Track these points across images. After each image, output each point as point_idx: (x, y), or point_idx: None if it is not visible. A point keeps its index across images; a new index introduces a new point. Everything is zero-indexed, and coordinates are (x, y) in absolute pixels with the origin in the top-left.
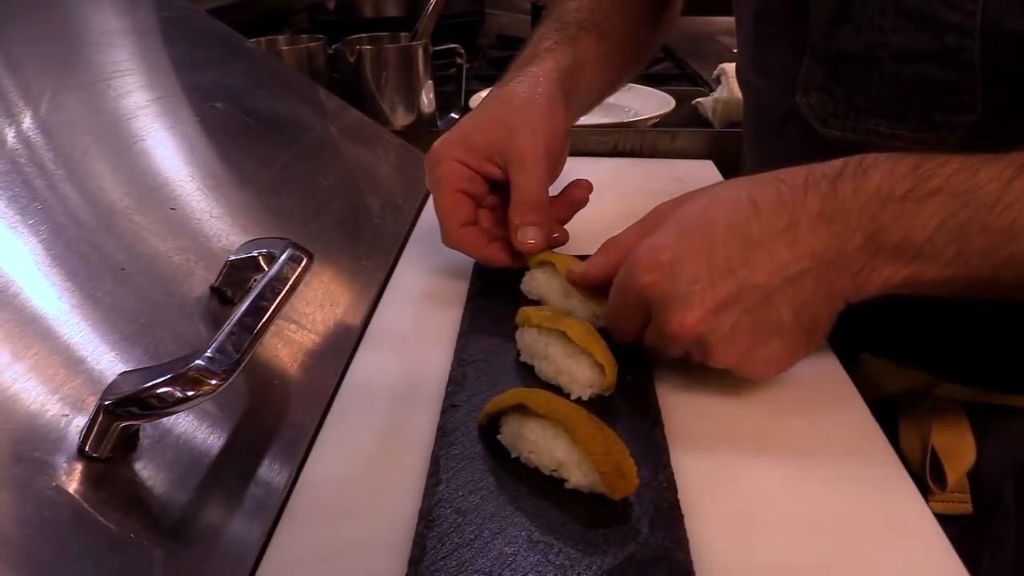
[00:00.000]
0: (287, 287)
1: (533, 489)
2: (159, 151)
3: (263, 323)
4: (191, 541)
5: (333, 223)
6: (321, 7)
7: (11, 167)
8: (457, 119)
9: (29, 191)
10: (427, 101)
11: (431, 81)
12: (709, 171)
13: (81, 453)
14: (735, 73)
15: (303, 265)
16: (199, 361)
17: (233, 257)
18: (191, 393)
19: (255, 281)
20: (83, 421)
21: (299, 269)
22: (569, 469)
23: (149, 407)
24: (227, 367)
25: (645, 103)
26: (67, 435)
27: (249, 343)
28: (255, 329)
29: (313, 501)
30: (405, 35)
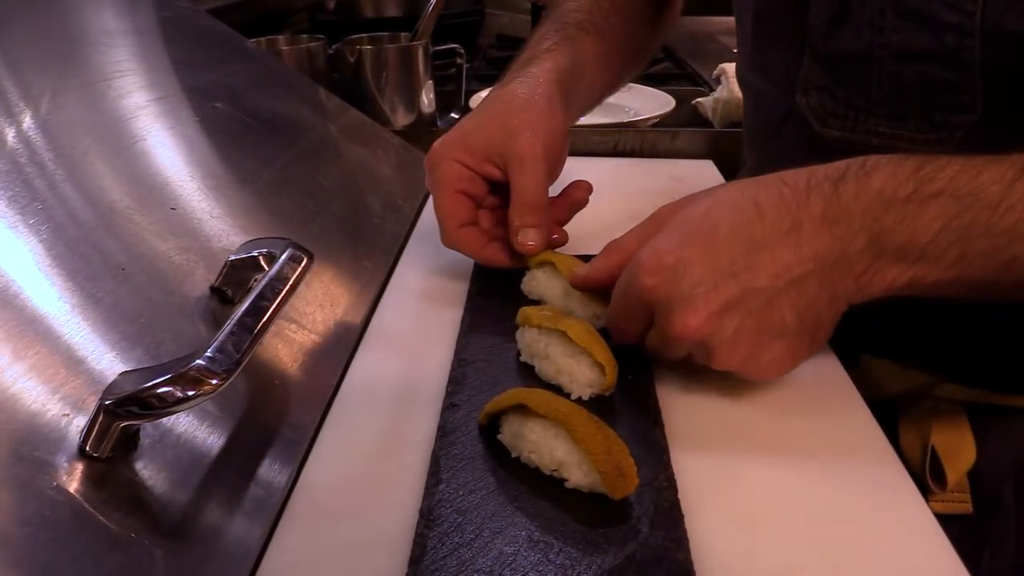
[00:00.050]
0: (287, 287)
1: (533, 489)
2: (159, 151)
3: (263, 323)
4: (191, 541)
5: (333, 223)
6: (321, 7)
7: (11, 167)
8: (457, 119)
9: (29, 191)
10: (427, 101)
11: (431, 81)
12: (709, 171)
13: (82, 453)
14: (735, 73)
15: (303, 265)
16: (199, 361)
17: (233, 257)
18: (191, 393)
19: (255, 281)
20: (83, 421)
21: (299, 269)
22: (569, 469)
23: (149, 407)
24: (227, 367)
25: (645, 103)
26: (67, 435)
27: (249, 343)
28: (255, 329)
29: (313, 501)
30: (405, 35)
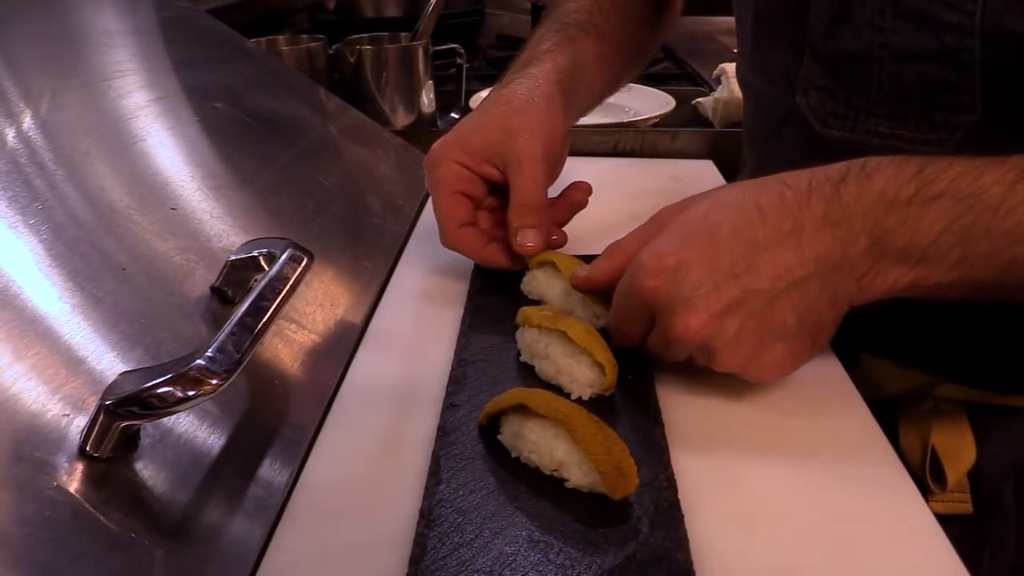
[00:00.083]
0: (287, 287)
1: (533, 489)
2: (159, 151)
3: (264, 323)
4: (192, 541)
5: (333, 223)
6: (321, 7)
7: (12, 167)
8: (457, 119)
9: (30, 191)
10: (427, 101)
11: (431, 81)
12: (709, 171)
13: (82, 453)
14: (735, 73)
15: (303, 265)
16: (200, 361)
17: (234, 257)
18: (192, 393)
19: (255, 281)
20: (84, 421)
21: (299, 269)
22: (569, 469)
23: (150, 407)
24: (228, 367)
25: (645, 103)
26: (68, 435)
27: (250, 343)
28: (256, 329)
29: (313, 501)
30: (405, 35)
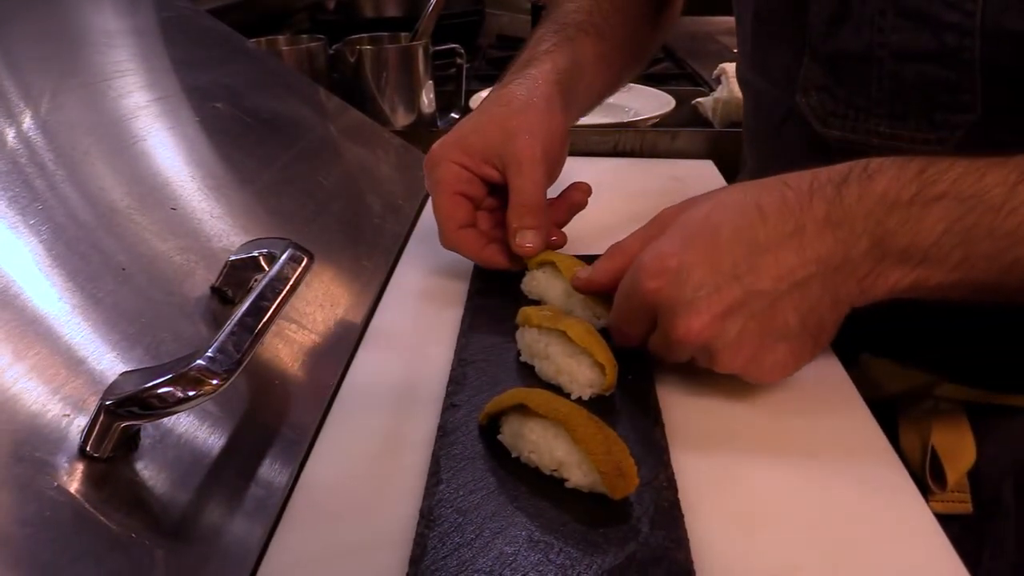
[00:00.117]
0: (288, 287)
1: (533, 489)
2: (159, 151)
3: (264, 323)
4: (192, 541)
5: (333, 223)
6: (321, 7)
7: (12, 167)
8: (457, 119)
9: (30, 191)
10: (427, 101)
11: (431, 81)
12: (709, 171)
13: (82, 453)
14: (735, 73)
15: (303, 265)
16: (200, 361)
17: (234, 257)
18: (192, 393)
19: (256, 281)
20: (84, 421)
21: (299, 269)
22: (569, 469)
23: (150, 407)
24: (228, 367)
25: (645, 103)
26: (68, 435)
27: (250, 343)
28: (256, 329)
29: (313, 501)
30: (405, 35)
